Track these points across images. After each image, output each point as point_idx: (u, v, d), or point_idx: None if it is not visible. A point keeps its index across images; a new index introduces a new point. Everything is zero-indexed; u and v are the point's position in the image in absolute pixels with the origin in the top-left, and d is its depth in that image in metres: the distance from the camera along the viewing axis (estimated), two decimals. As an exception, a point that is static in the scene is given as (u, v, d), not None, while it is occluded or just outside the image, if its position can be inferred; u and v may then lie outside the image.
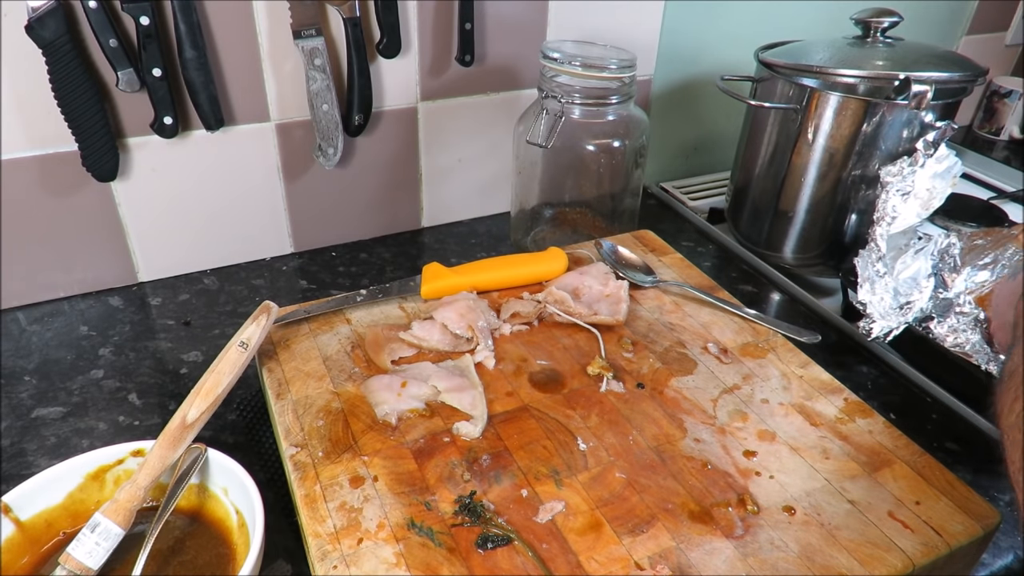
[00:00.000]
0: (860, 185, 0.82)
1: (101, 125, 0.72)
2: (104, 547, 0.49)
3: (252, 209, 0.87)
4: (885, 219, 0.74)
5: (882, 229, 0.74)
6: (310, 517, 0.51)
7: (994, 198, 1.10)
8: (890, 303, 0.73)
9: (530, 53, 0.92)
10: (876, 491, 0.55)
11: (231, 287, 0.86)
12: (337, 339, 0.68)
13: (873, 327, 0.72)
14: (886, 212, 0.74)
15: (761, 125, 0.89)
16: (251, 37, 0.77)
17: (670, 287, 0.78)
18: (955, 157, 0.76)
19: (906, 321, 0.73)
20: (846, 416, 0.62)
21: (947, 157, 0.75)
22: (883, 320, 0.73)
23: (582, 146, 0.84)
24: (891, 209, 0.74)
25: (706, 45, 1.07)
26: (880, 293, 0.73)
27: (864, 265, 0.74)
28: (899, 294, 0.74)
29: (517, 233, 0.94)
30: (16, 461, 0.62)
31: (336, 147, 0.84)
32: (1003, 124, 1.35)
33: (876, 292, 0.73)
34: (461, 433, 0.58)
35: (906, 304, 0.74)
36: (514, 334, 0.70)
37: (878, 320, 0.73)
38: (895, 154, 0.79)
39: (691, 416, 0.61)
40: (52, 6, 0.65)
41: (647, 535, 0.51)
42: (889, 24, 0.84)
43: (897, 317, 0.73)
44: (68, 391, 0.70)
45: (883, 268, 0.73)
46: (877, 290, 0.73)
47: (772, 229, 0.91)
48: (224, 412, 0.67)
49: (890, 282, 0.74)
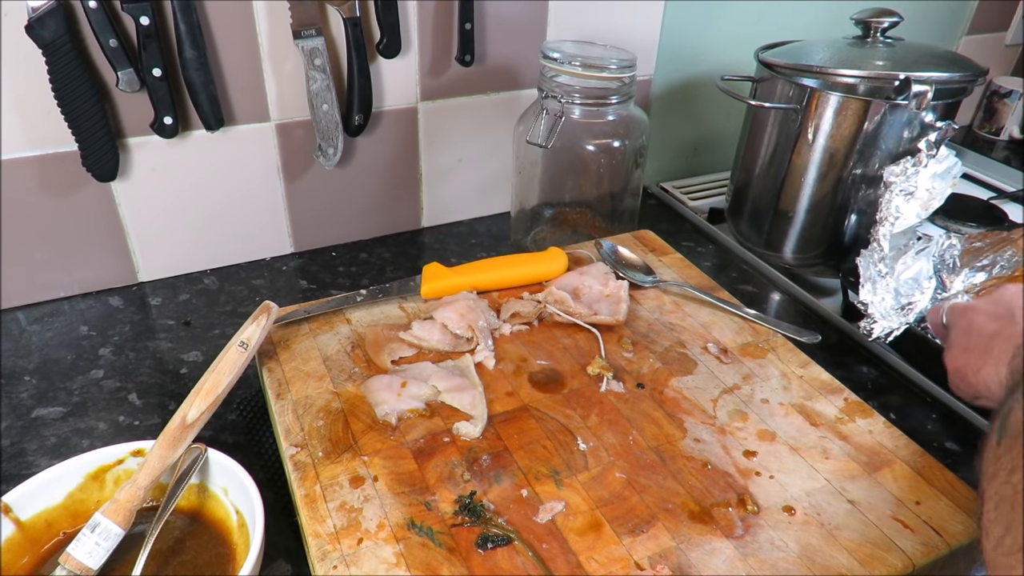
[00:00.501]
0: (860, 185, 0.82)
1: (101, 125, 0.72)
2: (104, 547, 0.49)
3: (252, 209, 0.87)
4: (888, 219, 0.74)
5: (885, 229, 0.73)
6: (310, 517, 0.51)
7: (994, 198, 1.10)
8: (891, 304, 0.73)
9: (530, 53, 0.92)
10: (876, 491, 0.55)
11: (231, 287, 0.86)
12: (337, 339, 0.68)
13: (874, 328, 0.72)
14: (889, 212, 0.74)
15: (761, 125, 0.89)
16: (251, 37, 0.77)
17: (670, 287, 0.78)
18: (955, 158, 0.75)
19: (907, 322, 0.73)
20: (846, 416, 0.62)
21: (947, 157, 0.75)
22: (884, 320, 0.73)
23: (582, 146, 0.84)
24: (894, 210, 0.73)
25: (706, 45, 1.07)
26: (881, 293, 0.73)
27: (866, 265, 0.74)
28: (900, 295, 0.74)
29: (517, 233, 0.94)
30: (16, 461, 0.62)
31: (336, 147, 0.84)
32: (1003, 124, 1.35)
33: (877, 292, 0.73)
34: (461, 433, 0.58)
35: (907, 305, 0.74)
36: (514, 334, 0.70)
37: (879, 320, 0.73)
38: (895, 154, 0.79)
39: (691, 416, 0.61)
40: (52, 6, 0.65)
41: (647, 535, 0.51)
42: (889, 24, 0.84)
43: (898, 318, 0.73)
44: (68, 391, 0.70)
45: (885, 268, 0.73)
46: (878, 290, 0.73)
47: (772, 229, 0.91)
48: (224, 412, 0.67)
49: (891, 283, 0.74)
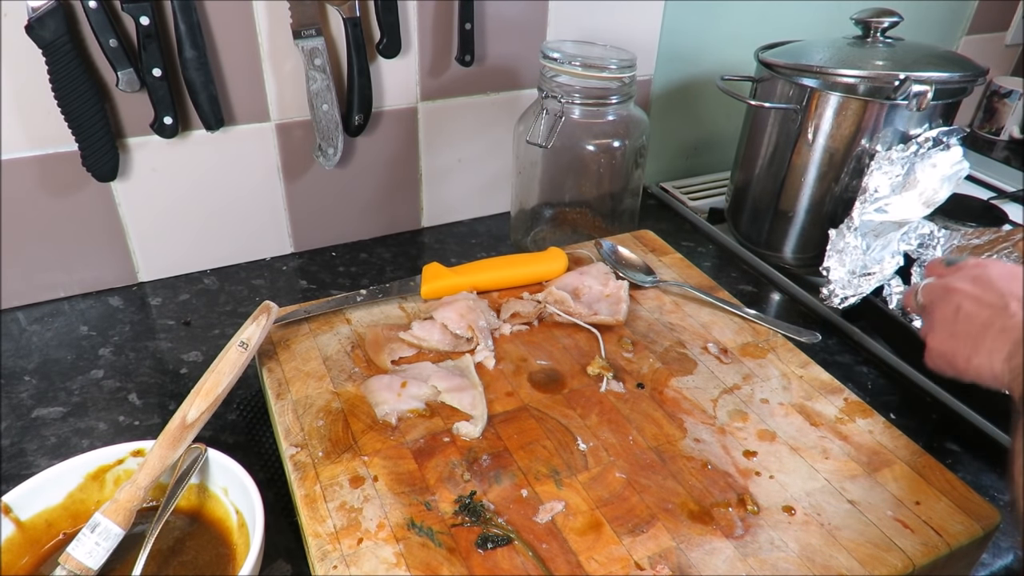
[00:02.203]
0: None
1: (101, 125, 0.72)
2: (104, 547, 0.49)
3: (252, 209, 0.87)
4: (865, 194, 0.76)
5: (859, 203, 0.76)
6: (310, 517, 0.51)
7: (994, 198, 1.10)
8: (854, 273, 0.77)
9: (530, 53, 0.92)
10: (876, 491, 0.55)
11: (231, 287, 0.86)
12: (337, 339, 0.68)
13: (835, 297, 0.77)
14: (867, 188, 0.76)
15: (761, 125, 0.89)
16: (251, 37, 0.77)
17: (670, 287, 0.78)
18: (965, 160, 0.76)
19: (863, 292, 0.76)
20: (846, 416, 0.62)
21: (960, 161, 0.77)
22: (843, 289, 0.77)
23: (582, 146, 0.84)
24: (873, 188, 0.76)
25: (706, 45, 1.07)
26: (849, 265, 0.76)
27: (838, 236, 0.76)
28: (865, 268, 0.77)
29: (517, 233, 0.94)
30: (16, 461, 0.62)
31: (336, 147, 0.84)
32: (1003, 124, 1.35)
33: (845, 264, 0.76)
34: (461, 433, 0.58)
35: (867, 274, 0.77)
36: (514, 334, 0.70)
37: (838, 290, 0.77)
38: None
39: (691, 416, 0.61)
40: (52, 6, 0.65)
41: (647, 535, 0.51)
42: (889, 24, 0.84)
43: (855, 287, 0.76)
44: (68, 391, 0.70)
45: (854, 240, 0.76)
46: (846, 262, 0.76)
47: (772, 229, 0.91)
48: (224, 412, 0.67)
49: (860, 258, 0.76)
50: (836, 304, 0.77)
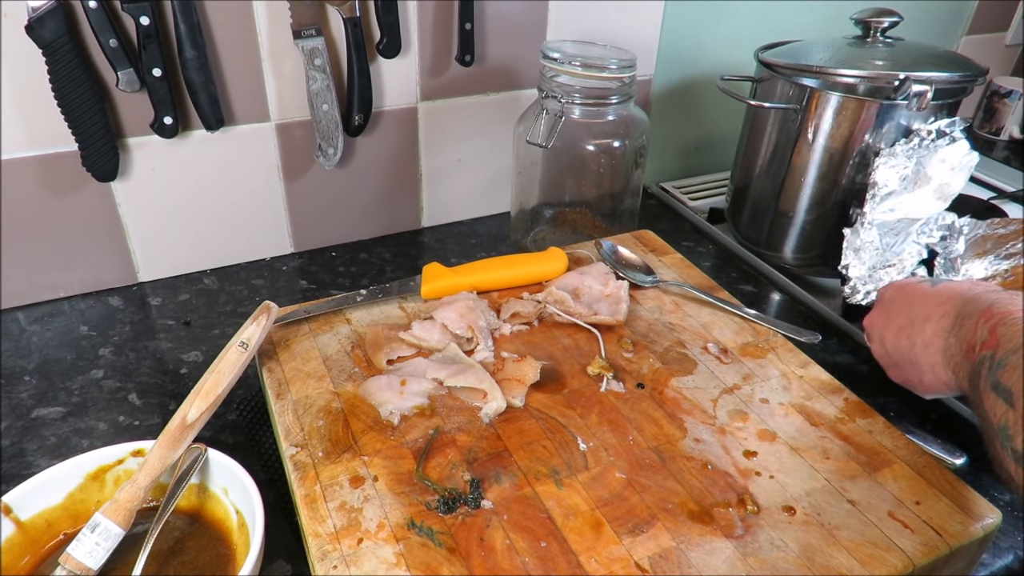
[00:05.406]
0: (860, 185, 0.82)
1: (101, 125, 0.72)
2: (104, 547, 0.49)
3: (252, 209, 0.87)
4: (874, 188, 0.77)
5: (869, 197, 0.77)
6: (310, 517, 0.51)
7: (994, 198, 1.10)
8: (875, 268, 0.78)
9: (530, 53, 0.92)
10: (876, 491, 0.55)
11: (231, 287, 0.86)
12: (337, 339, 0.68)
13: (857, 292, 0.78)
14: (876, 183, 0.77)
15: (761, 125, 0.89)
16: (251, 37, 0.77)
17: (670, 287, 0.78)
18: (974, 151, 0.77)
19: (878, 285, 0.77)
20: (846, 416, 0.62)
21: (968, 153, 0.77)
22: (865, 285, 0.78)
23: (582, 146, 0.84)
24: (882, 182, 0.76)
25: (706, 45, 1.07)
26: (868, 262, 0.78)
27: (853, 234, 0.77)
28: (886, 261, 0.78)
29: (517, 233, 0.94)
30: (16, 461, 0.62)
31: (336, 147, 0.84)
32: (1003, 124, 1.35)
33: (864, 262, 0.78)
34: (490, 412, 0.59)
35: (887, 267, 0.78)
36: (514, 334, 0.70)
37: (860, 286, 0.78)
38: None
39: (691, 416, 0.61)
40: (52, 6, 0.65)
41: (647, 535, 0.51)
42: (889, 24, 0.84)
43: (876, 280, 0.78)
44: (68, 391, 0.70)
45: (869, 237, 0.77)
46: (864, 259, 0.77)
47: (772, 229, 0.91)
48: (224, 412, 0.67)
49: (878, 253, 0.78)
50: (860, 300, 0.78)
